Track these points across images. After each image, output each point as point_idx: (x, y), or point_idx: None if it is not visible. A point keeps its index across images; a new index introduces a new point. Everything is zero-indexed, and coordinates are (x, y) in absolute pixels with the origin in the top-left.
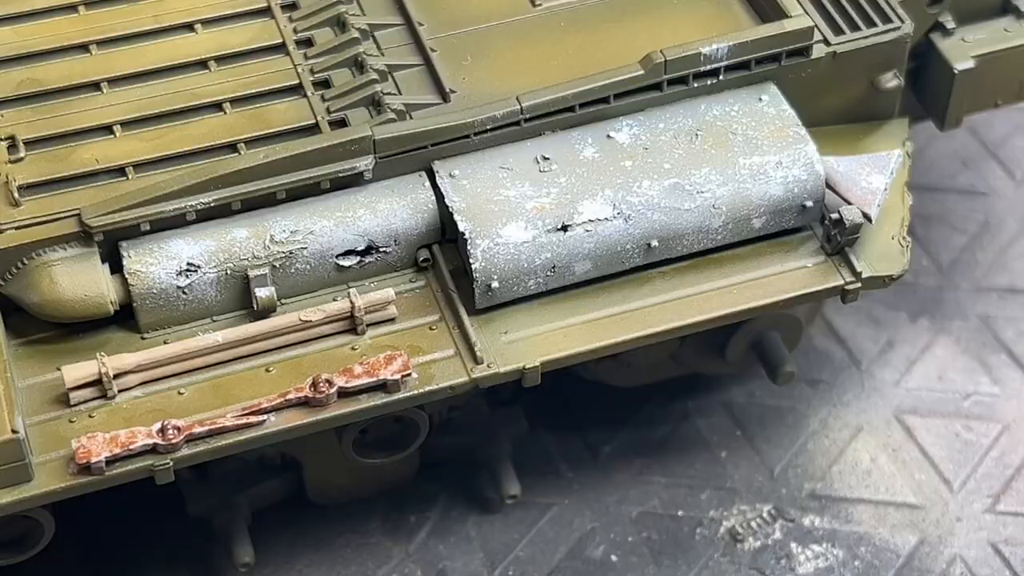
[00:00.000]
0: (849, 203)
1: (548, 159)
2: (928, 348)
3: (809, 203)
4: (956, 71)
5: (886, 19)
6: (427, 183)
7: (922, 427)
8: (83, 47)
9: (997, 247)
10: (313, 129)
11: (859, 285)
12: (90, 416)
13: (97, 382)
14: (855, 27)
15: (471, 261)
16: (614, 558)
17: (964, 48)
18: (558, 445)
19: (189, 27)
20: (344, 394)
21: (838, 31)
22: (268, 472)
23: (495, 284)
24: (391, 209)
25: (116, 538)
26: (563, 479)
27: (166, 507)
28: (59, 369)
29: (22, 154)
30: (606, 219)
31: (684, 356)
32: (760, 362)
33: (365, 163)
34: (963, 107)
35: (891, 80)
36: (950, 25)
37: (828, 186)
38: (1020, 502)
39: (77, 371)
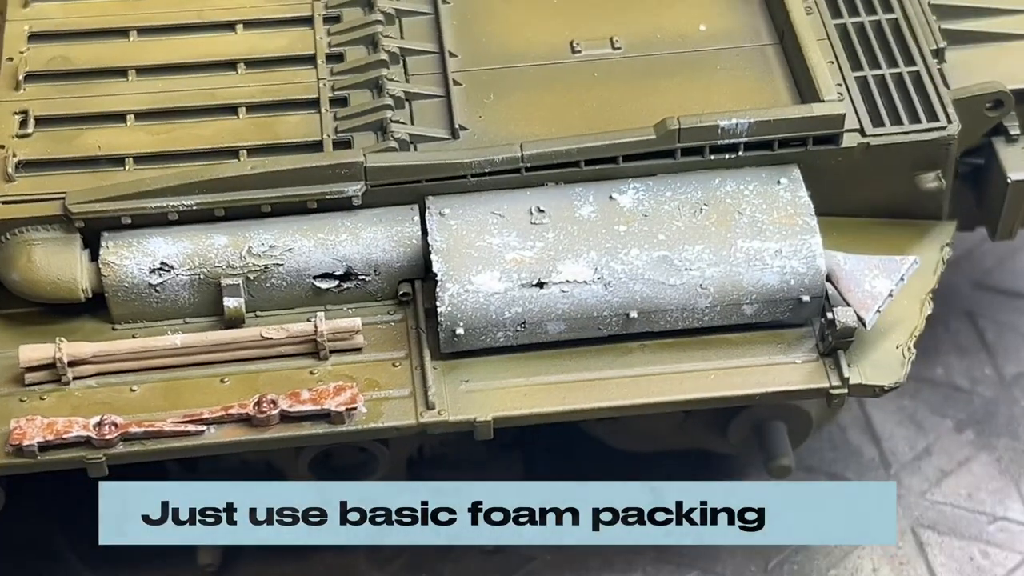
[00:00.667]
0: (848, 304)
1: (543, 211)
2: (966, 462)
3: (806, 297)
4: (1011, 180)
5: (932, 116)
6: (416, 217)
7: (937, 544)
8: (123, 32)
9: None
10: (317, 146)
11: (845, 391)
12: (41, 398)
13: (52, 366)
14: (897, 120)
15: (438, 304)
16: None
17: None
18: None
19: (230, 26)
20: (286, 418)
21: (878, 122)
22: (253, 476)
23: (460, 331)
24: (374, 238)
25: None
26: None
27: None
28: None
29: (30, 130)
30: (584, 282)
31: (689, 429)
32: (759, 449)
33: (354, 188)
34: (1018, 219)
35: (932, 181)
36: (1014, 131)
37: (830, 282)
38: None
39: (33, 352)
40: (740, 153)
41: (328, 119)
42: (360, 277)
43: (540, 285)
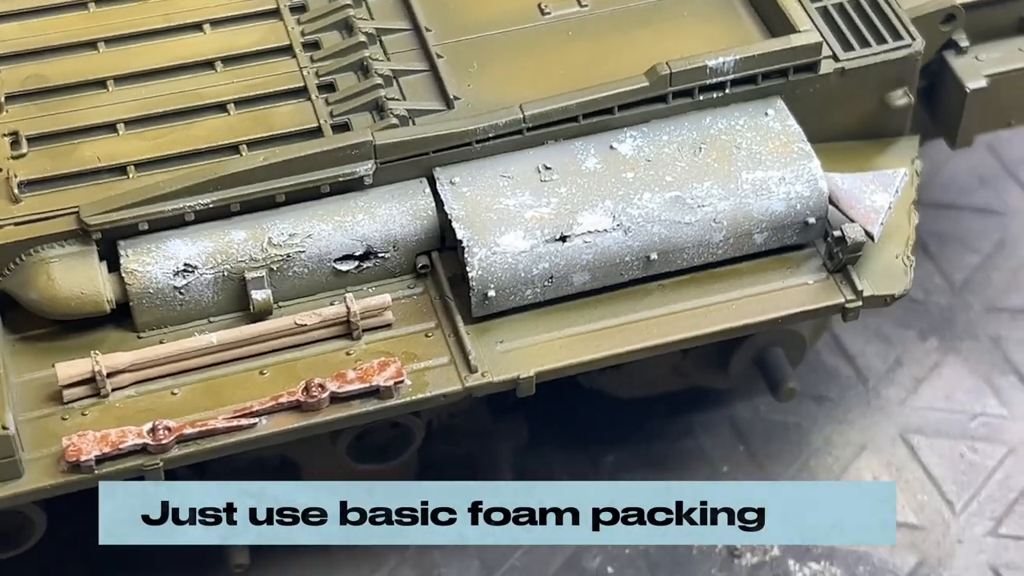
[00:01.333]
0: (852, 221)
1: (550, 168)
2: (936, 368)
3: (812, 220)
4: (968, 90)
5: (897, 36)
6: (427, 189)
7: (927, 447)
8: (91, 44)
9: (1012, 267)
10: (316, 132)
11: (860, 304)
12: (83, 414)
13: (90, 380)
14: (865, 43)
15: (468, 269)
16: (610, 570)
17: (977, 67)
18: (559, 455)
19: (198, 27)
20: (336, 399)
21: (848, 47)
22: (267, 473)
23: (492, 293)
24: (390, 215)
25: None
26: None
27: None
28: (53, 366)
29: (24, 150)
30: (605, 231)
31: (686, 369)
32: (762, 378)
33: (365, 168)
34: (974, 127)
35: (901, 98)
36: (964, 43)
37: (831, 203)
38: (1023, 526)
39: (71, 368)
40: (727, 91)
41: (320, 105)
42: (380, 255)
43: (563, 239)
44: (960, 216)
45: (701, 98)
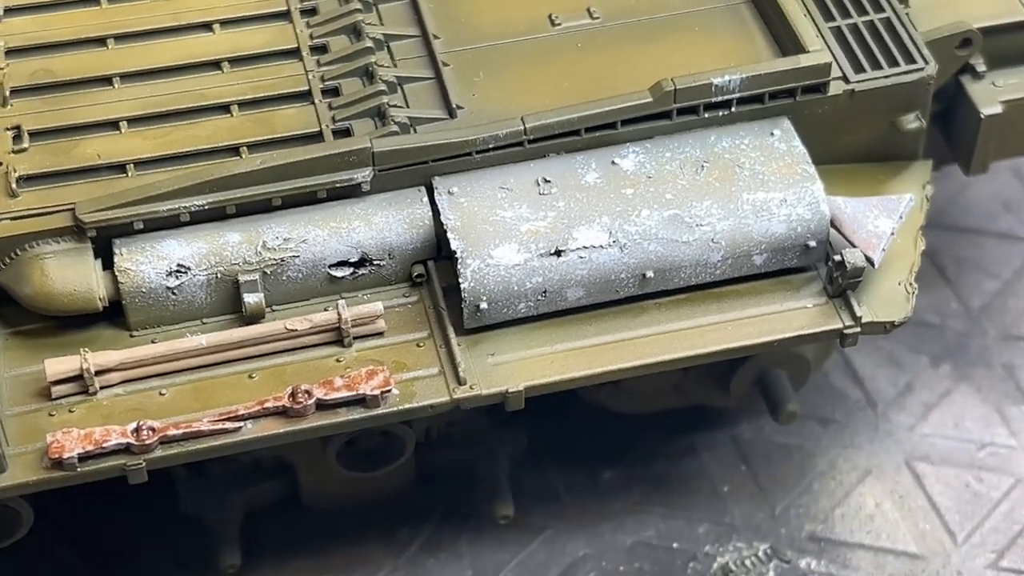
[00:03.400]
0: (853, 245)
1: (549, 182)
2: (947, 394)
3: (812, 243)
4: (983, 115)
5: (910, 59)
6: (425, 198)
7: (932, 475)
8: (100, 41)
9: None
10: (317, 137)
11: (858, 330)
12: (70, 411)
13: (79, 377)
14: (877, 65)
15: (460, 280)
16: None
17: (993, 93)
18: (558, 468)
19: (207, 27)
20: (322, 406)
21: (859, 68)
22: (263, 474)
23: (484, 305)
24: (387, 222)
25: (116, 538)
26: (560, 502)
27: (167, 507)
28: (43, 362)
29: (26, 145)
30: (601, 247)
31: (687, 387)
32: (763, 399)
33: (363, 175)
34: (989, 153)
35: (913, 122)
36: (981, 68)
37: (833, 226)
38: None
39: (60, 365)
40: (733, 109)
41: (323, 109)
42: (375, 262)
43: (558, 253)
44: (981, 241)
45: (706, 116)
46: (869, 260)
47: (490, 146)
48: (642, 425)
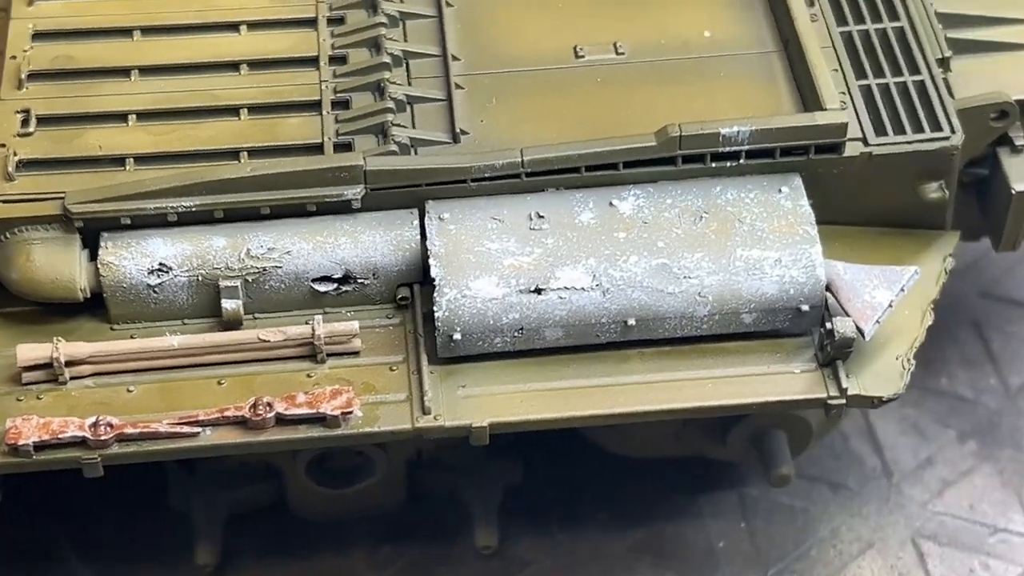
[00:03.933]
0: (847, 314)
1: (543, 217)
2: (968, 473)
3: (806, 307)
4: (1015, 191)
5: (936, 126)
6: (416, 221)
7: (937, 555)
8: (127, 32)
9: None
10: (318, 148)
11: (843, 402)
12: (37, 398)
13: (49, 365)
14: (900, 130)
15: (435, 309)
16: None
17: None
18: (554, 503)
19: (234, 27)
20: (282, 421)
21: (881, 131)
22: (252, 477)
23: (457, 336)
24: (373, 242)
25: (116, 538)
26: (551, 538)
27: (167, 506)
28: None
29: (32, 129)
30: (583, 289)
31: (687, 437)
32: (759, 458)
33: (354, 192)
34: (1021, 229)
35: (936, 191)
36: (1019, 142)
37: (829, 292)
38: None
39: (31, 352)
40: (742, 161)
41: (329, 121)
42: (359, 280)
43: (538, 291)
44: None
45: (714, 165)
46: (860, 331)
47: (486, 175)
48: (646, 470)
